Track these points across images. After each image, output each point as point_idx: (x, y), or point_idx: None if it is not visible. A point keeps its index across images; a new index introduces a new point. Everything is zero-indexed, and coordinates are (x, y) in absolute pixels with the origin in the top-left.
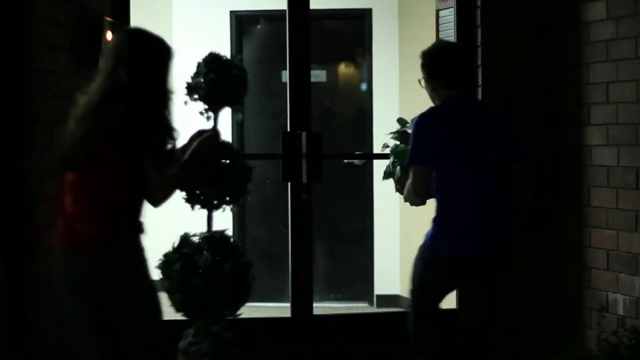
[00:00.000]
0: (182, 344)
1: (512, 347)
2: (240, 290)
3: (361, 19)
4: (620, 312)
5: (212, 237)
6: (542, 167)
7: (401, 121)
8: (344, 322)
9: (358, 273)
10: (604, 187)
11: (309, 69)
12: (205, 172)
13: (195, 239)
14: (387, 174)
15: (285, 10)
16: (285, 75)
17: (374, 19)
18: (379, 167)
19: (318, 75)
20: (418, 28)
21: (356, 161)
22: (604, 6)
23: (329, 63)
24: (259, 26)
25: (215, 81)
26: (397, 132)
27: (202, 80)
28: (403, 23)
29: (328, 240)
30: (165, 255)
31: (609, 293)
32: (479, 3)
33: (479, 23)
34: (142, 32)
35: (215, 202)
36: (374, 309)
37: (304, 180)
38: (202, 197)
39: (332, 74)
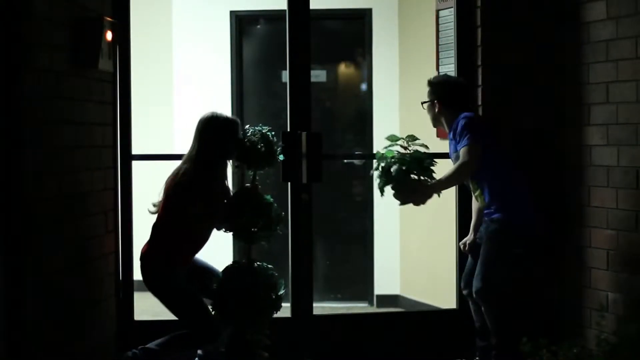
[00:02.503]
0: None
1: (512, 347)
2: (267, 305)
3: (361, 19)
4: (620, 312)
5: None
6: (542, 167)
7: (393, 138)
8: (344, 322)
9: (358, 273)
10: (604, 187)
11: (309, 69)
12: (246, 211)
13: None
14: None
15: (285, 10)
16: (285, 75)
17: (374, 19)
18: None
19: (318, 75)
20: (418, 28)
21: (356, 161)
22: (604, 6)
23: (329, 63)
24: (259, 26)
25: (248, 153)
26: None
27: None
28: (403, 23)
29: (328, 240)
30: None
31: (609, 293)
32: (479, 3)
33: (479, 23)
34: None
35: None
36: (374, 309)
37: (304, 180)
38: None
39: (332, 74)
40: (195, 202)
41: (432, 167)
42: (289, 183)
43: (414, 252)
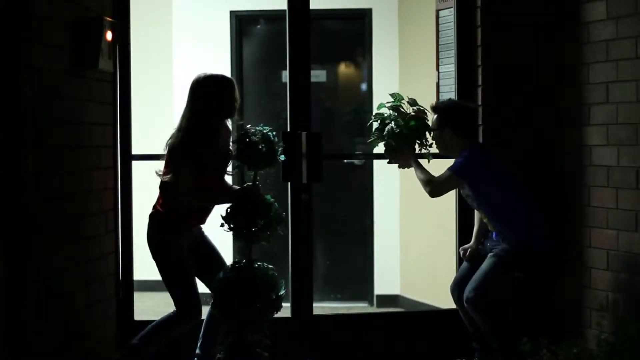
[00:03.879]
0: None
1: (512, 347)
2: (268, 305)
3: (361, 19)
4: (620, 312)
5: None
6: (542, 167)
7: (396, 96)
8: (344, 322)
9: (358, 273)
10: (604, 187)
11: (309, 69)
12: (246, 210)
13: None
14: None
15: (285, 10)
16: (285, 75)
17: (374, 19)
18: (379, 167)
19: (318, 75)
20: (418, 28)
21: (356, 161)
22: (604, 6)
23: (329, 63)
24: (259, 26)
25: (249, 154)
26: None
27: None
28: (403, 23)
29: (328, 240)
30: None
31: (609, 293)
32: (479, 3)
33: (479, 23)
34: (203, 78)
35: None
36: (374, 309)
37: (304, 180)
38: (244, 231)
39: (332, 74)
40: (194, 158)
41: (423, 140)
42: (289, 183)
43: (414, 252)
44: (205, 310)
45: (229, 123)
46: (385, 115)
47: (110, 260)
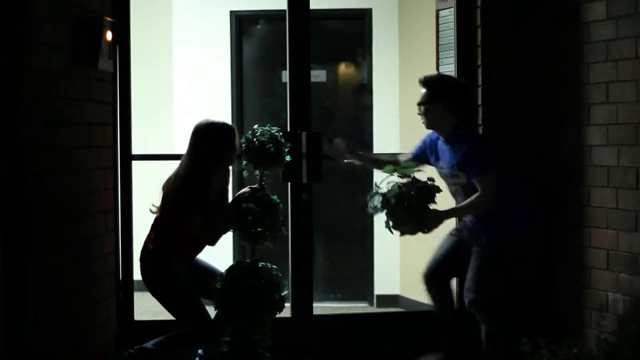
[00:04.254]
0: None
1: (512, 347)
2: (271, 305)
3: (361, 19)
4: (620, 312)
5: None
6: (542, 167)
7: (388, 169)
8: (344, 322)
9: (358, 273)
10: (604, 187)
11: (309, 69)
12: (247, 213)
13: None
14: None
15: (285, 10)
16: (285, 75)
17: (374, 19)
18: None
19: (318, 75)
20: (418, 28)
21: (356, 161)
22: (604, 6)
23: (329, 63)
24: (259, 26)
25: (257, 154)
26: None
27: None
28: (403, 23)
29: (328, 240)
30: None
31: (609, 293)
32: (479, 3)
33: (479, 23)
34: (204, 125)
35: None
36: (374, 309)
37: (304, 180)
38: (251, 231)
39: (332, 74)
40: (191, 212)
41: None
42: (289, 183)
43: (414, 252)
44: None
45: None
46: (389, 190)
47: (110, 260)
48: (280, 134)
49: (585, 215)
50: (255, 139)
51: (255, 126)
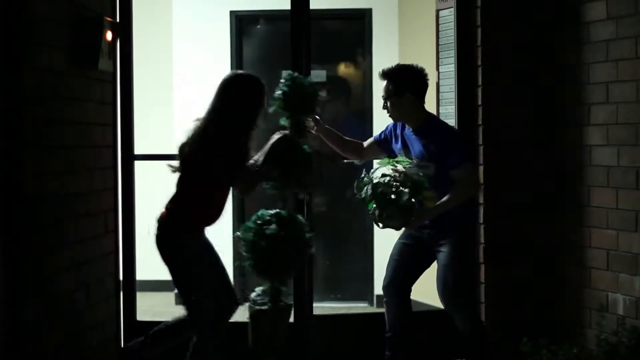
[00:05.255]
0: (252, 295)
1: (512, 347)
2: (298, 256)
3: (361, 19)
4: (620, 312)
5: (280, 214)
6: (542, 166)
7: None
8: (344, 322)
9: (358, 273)
10: (604, 187)
11: (309, 69)
12: (277, 163)
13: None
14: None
15: (285, 10)
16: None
17: (374, 19)
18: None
19: (318, 75)
20: (418, 28)
21: (356, 161)
22: (604, 6)
23: (329, 63)
24: (259, 26)
25: (289, 96)
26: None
27: (280, 93)
28: (403, 23)
29: (328, 240)
30: (243, 226)
31: (609, 293)
32: (479, 3)
33: (479, 23)
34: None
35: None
36: (374, 309)
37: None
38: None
39: (332, 74)
40: (232, 169)
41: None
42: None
43: None
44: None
45: None
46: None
47: (110, 260)
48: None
49: (585, 215)
50: (296, 83)
51: (288, 71)
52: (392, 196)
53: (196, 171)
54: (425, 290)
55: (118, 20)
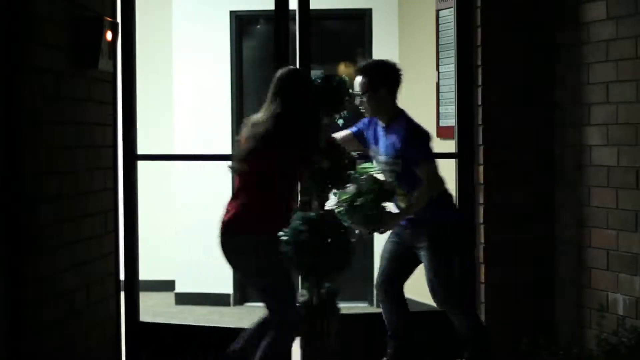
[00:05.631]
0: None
1: (512, 347)
2: (341, 257)
3: (361, 19)
4: (620, 312)
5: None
6: (542, 167)
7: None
8: (344, 322)
9: (358, 273)
10: (604, 187)
11: (309, 69)
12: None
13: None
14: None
15: (282, 10)
16: None
17: (374, 19)
18: None
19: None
20: (418, 28)
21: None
22: (604, 6)
23: (329, 63)
24: (259, 26)
25: (334, 96)
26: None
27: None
28: (403, 23)
29: None
30: (291, 227)
31: (609, 293)
32: (479, 3)
33: (479, 23)
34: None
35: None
36: (374, 309)
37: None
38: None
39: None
40: (291, 150)
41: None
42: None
43: None
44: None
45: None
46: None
47: (110, 260)
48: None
49: (585, 215)
50: (327, 82)
51: (319, 71)
52: (358, 203)
53: (282, 163)
54: (425, 290)
55: (120, 20)
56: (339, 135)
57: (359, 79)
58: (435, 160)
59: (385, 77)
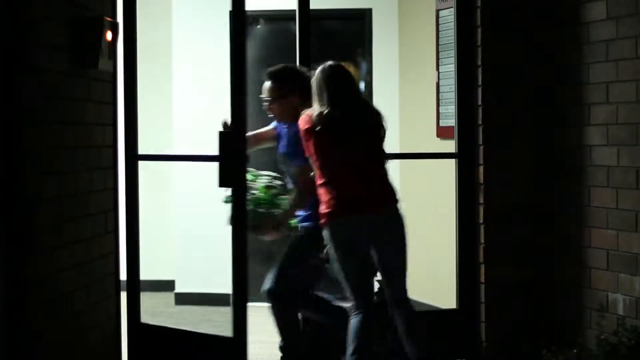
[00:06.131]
0: None
1: (512, 347)
2: None
3: (361, 19)
4: (620, 312)
5: None
6: (542, 166)
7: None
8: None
9: None
10: (604, 187)
11: (309, 69)
12: None
13: None
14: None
15: (285, 11)
16: None
17: (374, 19)
18: None
19: None
20: (418, 28)
21: None
22: (604, 6)
23: None
24: (259, 26)
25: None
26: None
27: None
28: (403, 23)
29: None
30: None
31: (609, 293)
32: (479, 3)
33: (479, 23)
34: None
35: None
36: None
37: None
38: None
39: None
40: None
41: (281, 200)
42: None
43: (414, 252)
44: None
45: None
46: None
47: (110, 260)
48: None
49: (585, 215)
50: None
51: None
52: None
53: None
54: (426, 290)
55: (122, 20)
56: (265, 129)
57: (267, 84)
58: (303, 163)
59: (297, 84)
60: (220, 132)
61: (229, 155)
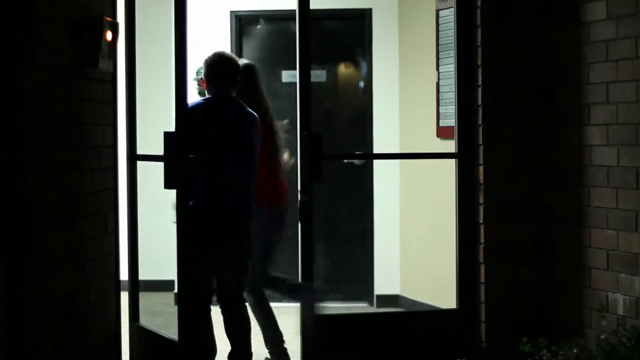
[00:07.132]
0: None
1: (512, 347)
2: None
3: (361, 19)
4: (620, 312)
5: None
6: (542, 166)
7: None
8: (344, 322)
9: (358, 273)
10: (604, 187)
11: (309, 69)
12: None
13: None
14: None
15: (285, 11)
16: (285, 76)
17: (374, 19)
18: (379, 167)
19: (318, 75)
20: (418, 28)
21: (356, 161)
22: (604, 6)
23: (329, 63)
24: (259, 26)
25: None
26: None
27: None
28: (403, 23)
29: (328, 240)
30: None
31: (609, 293)
32: (479, 3)
33: (479, 23)
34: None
35: None
36: (374, 309)
37: (304, 180)
38: None
39: (332, 74)
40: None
41: None
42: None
43: (414, 252)
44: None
45: None
46: None
47: (110, 260)
48: None
49: (585, 215)
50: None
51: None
52: None
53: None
54: (426, 290)
55: (123, 20)
56: None
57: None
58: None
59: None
60: (165, 133)
61: (172, 156)
